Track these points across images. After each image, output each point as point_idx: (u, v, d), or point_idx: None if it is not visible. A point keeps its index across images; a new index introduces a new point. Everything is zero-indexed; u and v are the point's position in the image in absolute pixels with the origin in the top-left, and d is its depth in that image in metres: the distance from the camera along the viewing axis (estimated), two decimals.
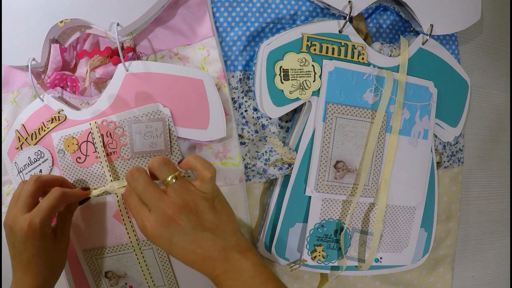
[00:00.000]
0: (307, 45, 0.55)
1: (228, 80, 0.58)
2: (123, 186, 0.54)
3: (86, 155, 0.55)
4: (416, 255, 0.63)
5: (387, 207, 0.60)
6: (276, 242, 0.57)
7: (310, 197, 0.57)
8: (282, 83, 0.54)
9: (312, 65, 0.55)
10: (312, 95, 0.56)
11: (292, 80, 0.55)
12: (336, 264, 0.60)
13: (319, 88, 0.56)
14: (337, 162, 0.57)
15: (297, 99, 0.55)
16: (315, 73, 0.56)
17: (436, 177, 0.63)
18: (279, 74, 0.54)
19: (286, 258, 0.58)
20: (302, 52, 0.55)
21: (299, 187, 0.56)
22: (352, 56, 0.57)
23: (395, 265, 0.63)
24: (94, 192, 0.55)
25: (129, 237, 0.56)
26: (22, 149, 0.58)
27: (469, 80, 0.64)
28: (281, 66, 0.54)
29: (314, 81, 0.55)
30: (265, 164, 0.57)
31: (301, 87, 0.55)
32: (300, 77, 0.55)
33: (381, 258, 0.62)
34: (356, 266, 0.61)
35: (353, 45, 0.57)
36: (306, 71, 0.55)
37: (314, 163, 0.56)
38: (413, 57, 0.60)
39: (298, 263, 0.58)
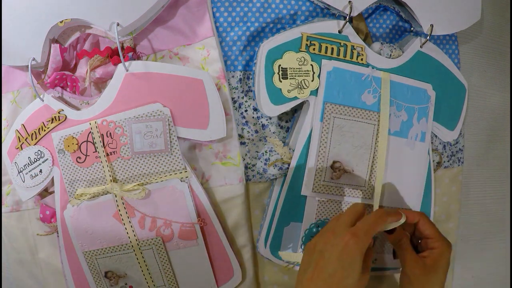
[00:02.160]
0: (307, 44, 0.55)
1: (228, 80, 0.58)
2: (128, 189, 0.54)
3: (86, 155, 0.55)
4: None
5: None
6: (271, 241, 0.57)
7: (306, 197, 0.57)
8: (281, 81, 0.54)
9: (311, 65, 0.55)
10: (310, 95, 0.56)
11: (290, 79, 0.55)
12: None
13: (318, 88, 0.56)
14: (334, 162, 0.56)
15: (295, 98, 0.55)
16: (313, 73, 0.55)
17: (433, 179, 0.63)
18: (278, 73, 0.54)
19: (280, 257, 0.58)
20: (301, 51, 0.55)
21: (295, 187, 0.56)
22: (351, 57, 0.57)
23: (389, 267, 0.62)
24: (93, 190, 0.55)
25: (129, 237, 0.56)
26: (22, 149, 0.58)
27: (466, 84, 0.64)
28: (279, 65, 0.54)
29: (312, 81, 0.55)
30: (265, 164, 0.57)
31: (300, 86, 0.55)
32: (298, 76, 0.55)
33: (375, 259, 0.61)
34: None
35: (353, 46, 0.57)
36: (305, 71, 0.55)
37: (310, 163, 0.56)
38: (412, 59, 0.60)
39: (292, 263, 0.58)
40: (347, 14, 0.55)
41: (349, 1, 0.55)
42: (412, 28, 0.63)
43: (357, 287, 0.46)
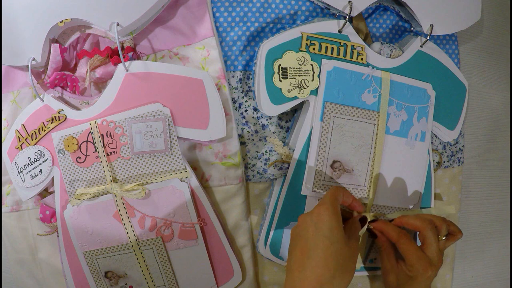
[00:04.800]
0: (307, 44, 0.55)
1: (228, 80, 0.58)
2: (128, 189, 0.54)
3: (86, 155, 0.55)
4: None
5: (381, 208, 0.60)
6: (271, 241, 0.57)
7: (306, 196, 0.57)
8: (281, 81, 0.54)
9: (311, 64, 0.55)
10: (310, 94, 0.56)
11: (290, 78, 0.55)
12: None
13: (318, 87, 0.56)
14: (334, 162, 0.56)
15: (295, 97, 0.55)
16: (313, 72, 0.55)
17: (433, 179, 0.63)
18: (278, 72, 0.54)
19: (280, 257, 0.58)
20: (301, 51, 0.55)
21: (295, 186, 0.56)
22: (351, 56, 0.57)
23: None
24: (93, 190, 0.55)
25: (129, 237, 0.56)
26: (22, 149, 0.58)
27: (467, 84, 0.64)
28: (279, 65, 0.54)
29: (312, 80, 0.55)
30: (265, 164, 0.57)
31: (300, 86, 0.55)
32: (298, 75, 0.55)
33: (375, 258, 0.61)
34: None
35: (353, 45, 0.57)
36: (305, 70, 0.55)
37: (310, 162, 0.56)
38: (412, 59, 0.60)
39: None
40: (347, 14, 0.55)
41: (349, 1, 0.55)
42: (412, 28, 0.63)
43: (348, 253, 0.48)
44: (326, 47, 0.56)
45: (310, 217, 0.48)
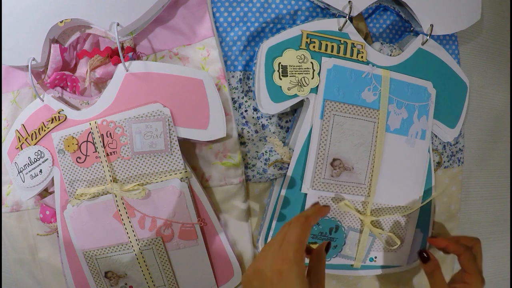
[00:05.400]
0: (307, 42, 0.55)
1: (228, 80, 0.58)
2: (128, 189, 0.54)
3: (86, 155, 0.55)
4: (412, 256, 0.63)
5: (381, 208, 0.60)
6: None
7: (306, 194, 0.57)
8: (281, 79, 0.54)
9: (311, 62, 0.55)
10: (310, 92, 0.56)
11: (290, 76, 0.55)
12: (331, 262, 0.60)
13: (318, 85, 0.56)
14: (334, 160, 0.56)
15: (295, 95, 0.55)
16: (313, 70, 0.55)
17: (433, 177, 0.63)
18: (278, 70, 0.54)
19: None
20: (301, 49, 0.55)
21: (295, 184, 0.56)
22: (352, 54, 0.57)
23: (390, 265, 0.62)
24: (93, 190, 0.55)
25: (129, 237, 0.56)
26: (22, 149, 0.58)
27: (468, 82, 0.64)
28: (279, 63, 0.54)
29: (312, 78, 0.55)
30: (265, 164, 0.57)
31: (300, 84, 0.55)
32: (298, 73, 0.55)
33: (375, 257, 0.61)
34: (351, 265, 0.61)
35: (353, 43, 0.57)
36: (305, 68, 0.55)
37: (310, 160, 0.56)
38: (412, 57, 0.60)
39: None
40: (347, 14, 0.55)
41: (349, 1, 0.55)
42: (412, 28, 0.63)
43: None
44: (326, 45, 0.56)
45: (271, 272, 0.40)
